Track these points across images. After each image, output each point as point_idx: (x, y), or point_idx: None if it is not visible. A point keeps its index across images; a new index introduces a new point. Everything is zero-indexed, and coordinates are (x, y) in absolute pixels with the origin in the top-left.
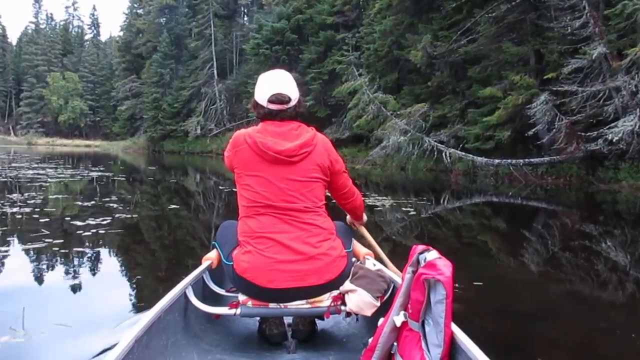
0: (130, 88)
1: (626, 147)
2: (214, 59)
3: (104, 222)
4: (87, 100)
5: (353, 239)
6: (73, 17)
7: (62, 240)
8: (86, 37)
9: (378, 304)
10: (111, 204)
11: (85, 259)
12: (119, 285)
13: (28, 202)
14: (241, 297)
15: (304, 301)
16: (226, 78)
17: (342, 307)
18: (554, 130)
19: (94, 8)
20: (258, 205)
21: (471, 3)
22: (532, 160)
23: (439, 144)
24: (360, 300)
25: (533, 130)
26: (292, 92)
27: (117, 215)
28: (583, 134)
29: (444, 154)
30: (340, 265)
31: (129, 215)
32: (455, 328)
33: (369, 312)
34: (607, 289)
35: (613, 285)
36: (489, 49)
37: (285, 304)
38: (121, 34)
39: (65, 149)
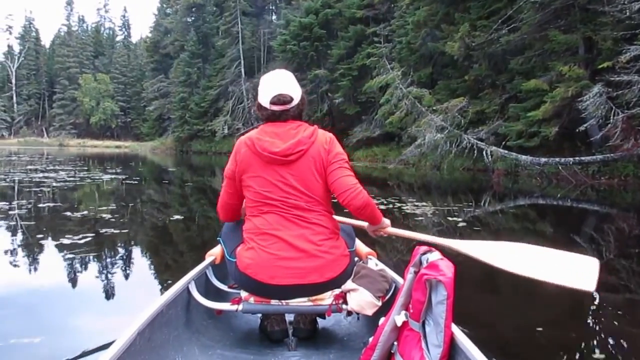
0: (159, 88)
1: None
2: (242, 57)
3: (82, 241)
4: (118, 102)
5: (356, 238)
6: (104, 19)
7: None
8: (117, 39)
9: (379, 303)
10: (103, 215)
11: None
12: (123, 281)
13: (10, 212)
14: (243, 294)
15: (305, 299)
16: (254, 76)
17: (344, 306)
18: (609, 125)
19: (125, 10)
20: (261, 204)
21: None
22: (582, 158)
23: (479, 142)
24: (361, 300)
25: (586, 125)
26: (294, 91)
27: (102, 230)
28: None
29: (484, 153)
30: (342, 264)
31: (116, 231)
32: (455, 329)
33: (370, 312)
34: None
35: None
36: (533, 38)
37: (286, 300)
38: (150, 34)
39: (96, 150)
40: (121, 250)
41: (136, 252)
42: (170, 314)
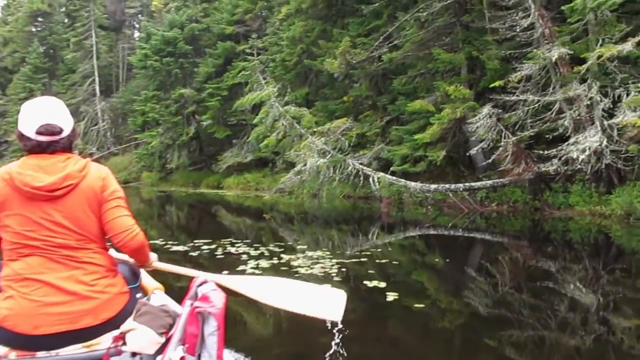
0: None
1: (585, 168)
2: (96, 74)
3: None
4: None
5: (142, 272)
6: None
7: None
8: None
9: (162, 340)
10: None
11: None
12: None
13: None
14: (3, 349)
15: (79, 345)
16: (111, 96)
17: (123, 348)
18: (500, 148)
19: None
20: (22, 246)
21: (393, 6)
22: (473, 184)
23: (365, 168)
24: (142, 338)
25: (476, 148)
26: (65, 121)
27: None
28: (541, 152)
29: (371, 179)
30: (120, 303)
31: None
32: (227, 358)
33: (151, 350)
34: (563, 333)
35: (571, 329)
36: (416, 57)
37: (56, 350)
38: None
39: None
40: None
41: None
42: None
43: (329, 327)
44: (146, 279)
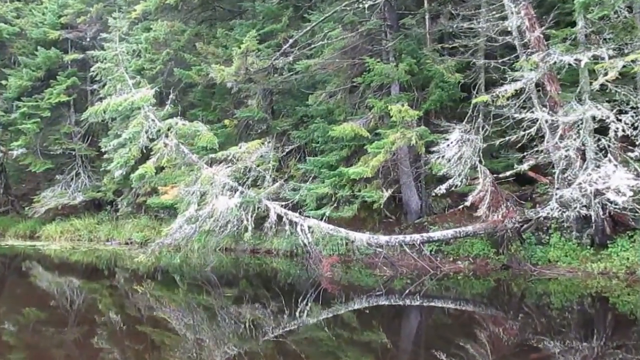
0: None
1: (589, 214)
2: None
3: None
4: None
5: None
6: None
7: None
8: None
9: None
10: None
11: None
12: None
13: None
14: None
15: None
16: None
17: None
18: (478, 188)
19: None
20: None
21: (294, 7)
22: (432, 235)
23: (290, 212)
24: None
25: (443, 186)
26: None
27: None
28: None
29: (299, 228)
30: None
31: None
32: None
33: None
34: None
35: None
36: (337, 67)
37: None
38: None
39: None
40: None
41: None
42: None
43: None
44: None
